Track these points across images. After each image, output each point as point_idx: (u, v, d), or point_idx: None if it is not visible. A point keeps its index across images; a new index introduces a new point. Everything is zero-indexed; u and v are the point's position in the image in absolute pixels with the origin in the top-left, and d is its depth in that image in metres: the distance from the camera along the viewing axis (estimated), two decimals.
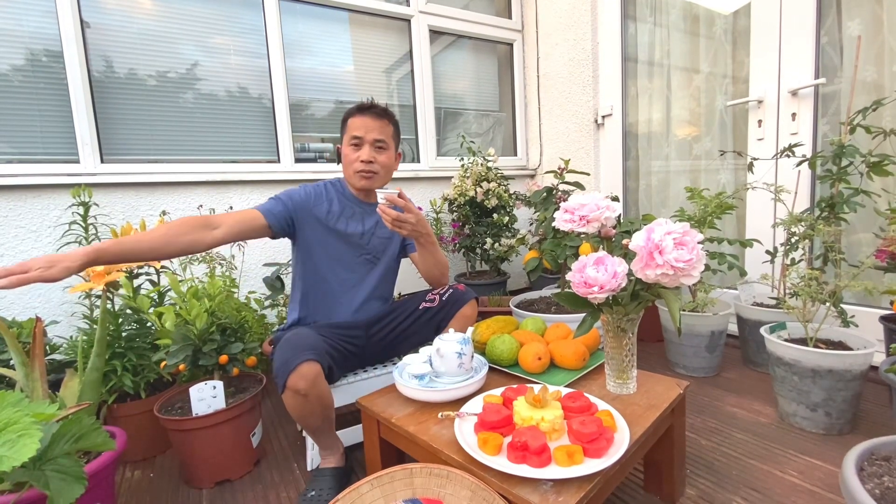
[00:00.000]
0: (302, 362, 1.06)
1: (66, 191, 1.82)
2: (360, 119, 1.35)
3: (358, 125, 1.34)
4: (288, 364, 1.06)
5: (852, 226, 1.77)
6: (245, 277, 2.18)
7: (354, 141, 1.35)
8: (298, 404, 1.09)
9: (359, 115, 1.35)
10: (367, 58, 2.68)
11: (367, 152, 1.34)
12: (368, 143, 1.35)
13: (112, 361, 1.42)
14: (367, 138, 1.34)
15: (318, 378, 1.09)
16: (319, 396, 1.11)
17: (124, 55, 2.02)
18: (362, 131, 1.34)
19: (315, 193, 1.39)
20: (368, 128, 1.34)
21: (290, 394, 1.07)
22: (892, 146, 1.49)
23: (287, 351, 1.09)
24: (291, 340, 1.13)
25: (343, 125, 1.40)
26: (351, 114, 1.37)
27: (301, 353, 1.07)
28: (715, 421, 1.45)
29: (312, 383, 1.07)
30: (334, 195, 1.42)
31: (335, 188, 1.44)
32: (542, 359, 1.14)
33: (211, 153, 2.22)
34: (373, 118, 1.35)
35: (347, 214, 1.42)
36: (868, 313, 1.65)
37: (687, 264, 0.83)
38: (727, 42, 2.16)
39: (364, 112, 1.36)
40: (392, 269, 1.53)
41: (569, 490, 0.72)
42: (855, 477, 0.72)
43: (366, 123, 1.34)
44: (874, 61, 1.69)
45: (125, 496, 1.29)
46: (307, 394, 1.07)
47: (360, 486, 0.82)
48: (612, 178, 2.72)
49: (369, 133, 1.34)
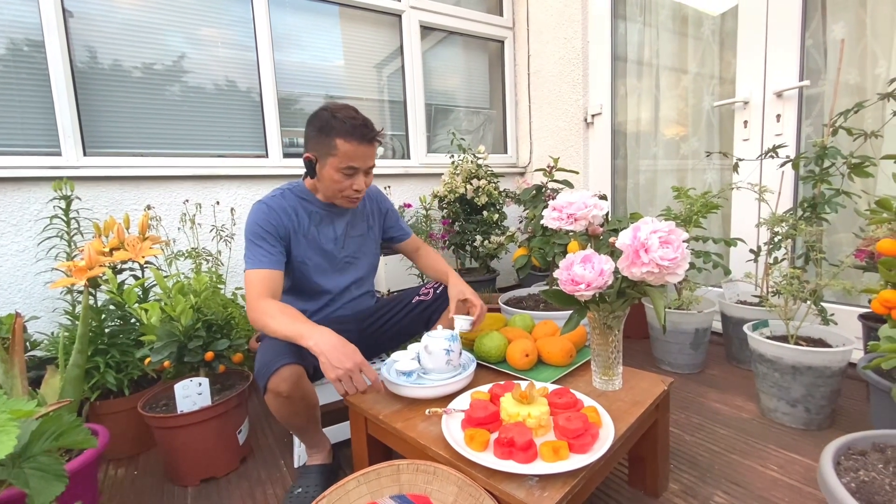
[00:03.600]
0: (282, 366, 1.04)
1: (47, 184, 1.78)
2: (356, 147, 1.18)
3: (354, 154, 1.19)
4: (269, 367, 1.05)
5: (833, 226, 1.80)
6: (232, 274, 2.15)
7: (349, 171, 1.21)
8: (281, 406, 1.08)
9: (354, 141, 1.18)
10: (358, 53, 2.66)
11: (362, 181, 1.24)
12: (363, 172, 1.24)
13: (95, 358, 1.40)
14: (363, 168, 1.23)
15: (301, 379, 1.08)
16: (303, 397, 1.10)
17: (108, 45, 1.97)
18: (359, 162, 1.20)
19: (279, 210, 1.25)
20: (366, 157, 1.22)
21: (271, 396, 1.06)
22: (872, 148, 1.52)
23: (268, 353, 1.08)
24: (273, 343, 1.11)
25: (325, 138, 1.19)
26: (340, 133, 1.17)
27: (281, 357, 1.06)
28: (698, 417, 1.48)
29: (295, 385, 1.06)
30: (297, 204, 1.29)
31: (294, 195, 1.30)
32: (529, 355, 1.15)
33: (198, 147, 2.19)
34: (369, 146, 1.22)
35: (316, 221, 1.32)
36: (847, 311, 1.68)
37: (672, 263, 0.84)
38: (715, 43, 2.18)
39: (360, 139, 1.19)
40: (373, 262, 1.51)
41: (554, 485, 0.73)
42: (832, 471, 0.74)
43: (363, 153, 1.20)
44: (857, 64, 1.72)
45: (108, 494, 1.27)
46: (290, 395, 1.06)
47: (346, 482, 0.82)
48: (600, 177, 2.74)
49: (366, 162, 1.23)
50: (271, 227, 1.23)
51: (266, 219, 1.22)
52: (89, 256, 1.34)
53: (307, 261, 1.31)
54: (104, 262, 1.39)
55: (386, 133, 1.28)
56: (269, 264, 1.20)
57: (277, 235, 1.24)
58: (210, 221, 2.12)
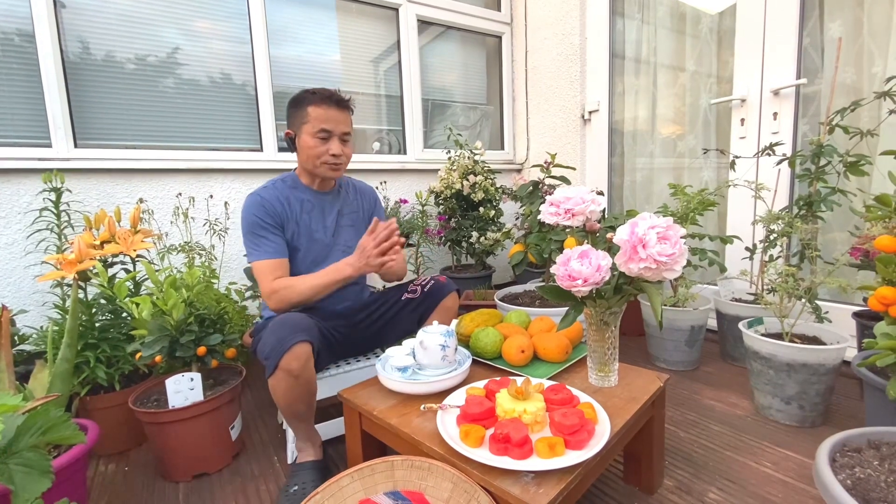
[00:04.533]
0: (297, 343, 1.06)
1: (37, 176, 1.75)
2: (326, 111, 1.27)
3: (325, 117, 1.27)
4: (283, 343, 1.05)
5: (828, 224, 1.81)
6: (226, 268, 2.13)
7: (322, 134, 1.27)
8: (289, 387, 1.08)
9: (324, 105, 1.27)
10: (355, 47, 2.64)
11: (338, 146, 1.29)
12: (337, 137, 1.29)
13: (85, 352, 1.38)
14: (336, 131, 1.29)
15: (309, 361, 1.09)
16: (308, 381, 1.11)
17: (101, 37, 1.94)
18: (331, 125, 1.28)
19: (272, 200, 1.30)
20: (337, 121, 1.29)
21: (281, 375, 1.06)
22: (868, 147, 1.52)
23: (281, 330, 1.08)
24: (284, 321, 1.11)
25: (298, 110, 1.29)
26: (312, 102, 1.27)
27: (295, 334, 1.07)
28: (693, 413, 1.48)
29: (304, 365, 1.07)
30: (289, 194, 1.34)
31: (287, 185, 1.36)
32: (525, 351, 1.14)
33: (191, 140, 2.16)
34: (339, 110, 1.29)
35: (307, 209, 1.36)
36: (841, 309, 1.69)
37: (670, 258, 0.83)
38: (712, 41, 2.18)
39: (329, 103, 1.28)
40: None
41: (549, 482, 0.72)
42: (828, 468, 0.73)
43: (334, 116, 1.28)
44: (853, 63, 1.72)
45: (98, 490, 1.25)
46: (299, 375, 1.07)
47: (340, 478, 0.81)
48: (597, 174, 2.74)
49: (338, 126, 1.29)
50: (269, 216, 1.29)
51: (263, 209, 1.29)
52: (79, 249, 1.32)
53: (299, 247, 1.35)
54: (94, 255, 1.36)
55: (355, 100, 1.35)
56: (275, 253, 1.28)
57: (276, 224, 1.30)
58: (203, 215, 2.09)
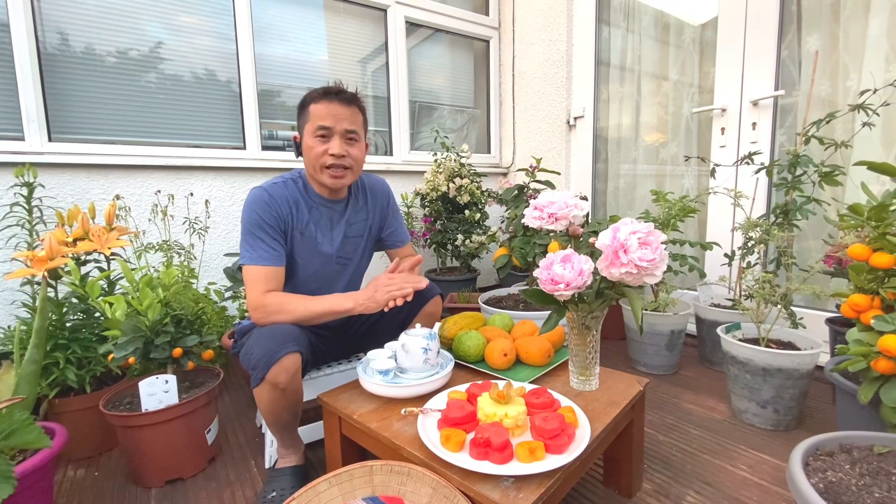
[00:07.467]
0: (286, 354, 1.01)
1: (8, 170, 1.69)
2: (326, 106, 1.16)
3: (324, 113, 1.15)
4: (272, 355, 1.00)
5: (804, 232, 1.86)
6: (205, 268, 2.09)
7: (321, 132, 1.16)
8: (274, 399, 1.05)
9: (324, 100, 1.16)
10: (342, 47, 2.62)
11: (338, 145, 1.16)
12: (338, 135, 1.17)
13: (54, 353, 1.33)
14: (337, 129, 1.16)
15: (298, 373, 1.05)
16: (295, 391, 1.08)
17: (80, 29, 1.89)
18: (331, 121, 1.15)
19: (279, 200, 1.19)
20: (338, 116, 1.16)
21: (268, 388, 1.02)
22: (842, 157, 1.57)
23: (270, 341, 1.03)
24: (272, 330, 1.07)
25: (302, 111, 1.20)
26: (313, 99, 1.17)
27: (285, 344, 1.02)
28: (672, 417, 1.50)
29: (293, 377, 1.03)
30: (299, 198, 1.23)
31: (297, 188, 1.24)
32: (507, 355, 1.14)
33: (172, 136, 2.11)
34: (342, 105, 1.17)
35: (315, 219, 1.26)
36: (815, 315, 1.73)
37: (650, 263, 0.84)
38: (695, 52, 2.22)
39: (331, 98, 1.17)
40: (363, 265, 1.45)
41: (529, 486, 0.72)
42: (801, 472, 0.75)
43: (334, 111, 1.16)
44: (829, 76, 1.78)
45: (67, 496, 1.21)
46: (286, 388, 1.03)
47: (317, 484, 0.80)
48: (581, 180, 2.77)
49: (339, 123, 1.16)
50: (272, 218, 1.17)
51: (267, 208, 1.17)
52: (50, 246, 1.28)
53: (298, 259, 1.26)
54: (66, 252, 1.32)
55: (362, 95, 1.28)
56: (271, 260, 1.16)
57: (278, 228, 1.19)
58: (183, 213, 2.05)
